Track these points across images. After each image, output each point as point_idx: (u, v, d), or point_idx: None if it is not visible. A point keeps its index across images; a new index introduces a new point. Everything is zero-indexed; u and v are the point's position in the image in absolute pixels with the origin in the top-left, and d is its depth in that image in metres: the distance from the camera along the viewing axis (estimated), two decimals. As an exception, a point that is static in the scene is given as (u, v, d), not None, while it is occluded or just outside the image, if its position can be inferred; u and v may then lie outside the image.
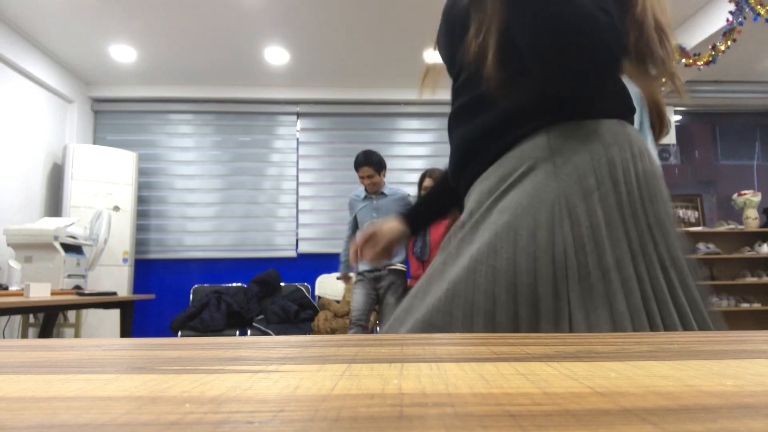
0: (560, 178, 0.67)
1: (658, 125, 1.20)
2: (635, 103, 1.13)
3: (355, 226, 3.32)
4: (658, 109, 1.18)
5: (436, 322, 0.67)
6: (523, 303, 0.63)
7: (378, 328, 4.29)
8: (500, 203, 0.70)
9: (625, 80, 1.12)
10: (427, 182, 3.12)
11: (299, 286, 4.71)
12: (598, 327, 0.61)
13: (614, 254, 0.64)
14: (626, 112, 0.76)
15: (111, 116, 5.03)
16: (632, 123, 0.77)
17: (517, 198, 0.68)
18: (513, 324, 0.64)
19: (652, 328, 0.63)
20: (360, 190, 3.36)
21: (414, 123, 5.18)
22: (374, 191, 3.26)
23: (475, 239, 0.71)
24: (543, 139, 0.70)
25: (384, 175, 3.32)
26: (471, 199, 0.78)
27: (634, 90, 1.13)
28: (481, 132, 0.76)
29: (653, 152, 0.96)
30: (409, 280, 3.28)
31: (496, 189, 0.72)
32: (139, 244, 4.76)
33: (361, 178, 3.25)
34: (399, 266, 3.18)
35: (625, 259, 0.64)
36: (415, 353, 0.30)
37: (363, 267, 3.21)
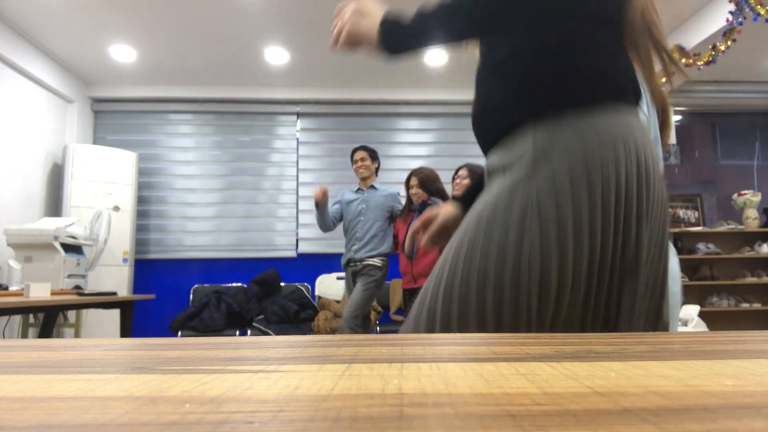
0: (536, 179, 0.69)
1: (665, 126, 1.19)
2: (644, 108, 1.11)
3: (340, 217, 3.35)
4: (665, 109, 1.17)
5: (428, 306, 0.74)
6: (489, 296, 0.68)
7: (377, 328, 4.28)
8: (485, 194, 0.75)
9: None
10: (413, 181, 3.16)
11: (299, 286, 4.70)
12: (545, 316, 0.66)
13: (576, 263, 0.67)
14: (624, 94, 0.73)
15: (111, 116, 5.02)
16: (634, 102, 0.74)
17: (497, 192, 0.72)
18: (480, 315, 0.69)
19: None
20: (352, 187, 3.41)
21: (414, 123, 5.18)
22: (365, 177, 3.29)
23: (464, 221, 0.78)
24: (529, 135, 0.71)
25: (377, 170, 3.37)
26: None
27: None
28: (479, 110, 0.81)
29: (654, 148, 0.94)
30: (401, 280, 3.29)
31: (488, 178, 0.78)
32: (139, 244, 4.75)
33: (355, 161, 3.33)
34: (374, 261, 3.19)
35: (583, 268, 0.67)
36: (415, 353, 0.30)
37: (345, 258, 3.25)
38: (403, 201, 3.34)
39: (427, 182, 3.13)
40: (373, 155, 3.35)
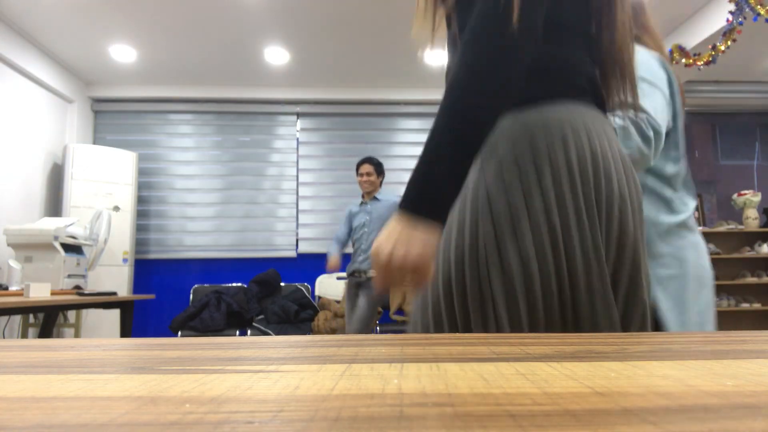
0: (485, 171, 0.69)
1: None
2: (663, 80, 1.08)
3: (348, 234, 3.40)
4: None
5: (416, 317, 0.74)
6: (458, 306, 0.67)
7: (377, 328, 4.29)
8: None
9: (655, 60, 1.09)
10: None
11: (299, 286, 4.70)
12: (517, 317, 0.63)
13: (534, 244, 0.65)
14: (581, 95, 0.72)
15: (111, 116, 5.02)
16: (594, 104, 0.73)
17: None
18: (449, 315, 0.69)
19: (564, 312, 0.65)
20: (357, 201, 3.44)
21: (414, 123, 5.18)
22: (369, 191, 3.31)
23: None
24: None
25: (381, 182, 3.38)
26: None
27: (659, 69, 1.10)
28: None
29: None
30: None
31: None
32: (139, 244, 4.75)
33: (360, 175, 3.34)
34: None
35: (545, 250, 0.65)
36: (415, 353, 0.30)
37: (349, 269, 3.27)
38: None
39: None
40: (379, 169, 3.37)
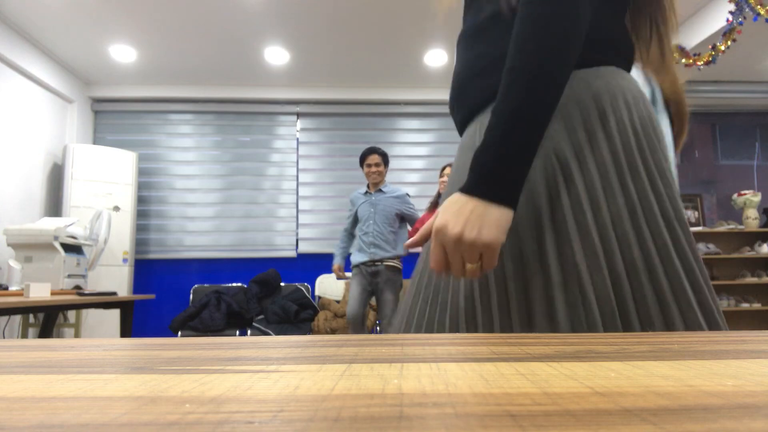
0: (551, 136, 0.64)
1: (679, 126, 1.17)
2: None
3: (354, 221, 3.38)
4: (680, 107, 1.14)
5: (453, 299, 0.67)
6: (531, 270, 0.61)
7: (378, 328, 4.28)
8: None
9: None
10: (447, 170, 3.18)
11: (299, 286, 4.71)
12: (602, 287, 0.58)
13: (610, 210, 0.62)
14: (622, 61, 0.71)
15: (111, 116, 5.02)
16: (629, 71, 0.73)
17: None
18: (521, 295, 0.62)
19: (655, 284, 0.60)
20: (360, 189, 3.42)
21: (414, 123, 5.18)
22: (377, 182, 3.30)
23: None
24: None
25: (386, 171, 3.38)
26: (465, 147, 0.77)
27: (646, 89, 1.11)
28: (471, 67, 0.72)
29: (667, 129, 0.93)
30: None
31: None
32: (139, 244, 4.76)
33: (368, 166, 3.32)
34: (395, 263, 3.20)
35: (623, 215, 0.61)
36: (415, 353, 0.30)
37: (359, 259, 3.23)
38: (412, 201, 3.38)
39: None
40: (386, 160, 3.37)
